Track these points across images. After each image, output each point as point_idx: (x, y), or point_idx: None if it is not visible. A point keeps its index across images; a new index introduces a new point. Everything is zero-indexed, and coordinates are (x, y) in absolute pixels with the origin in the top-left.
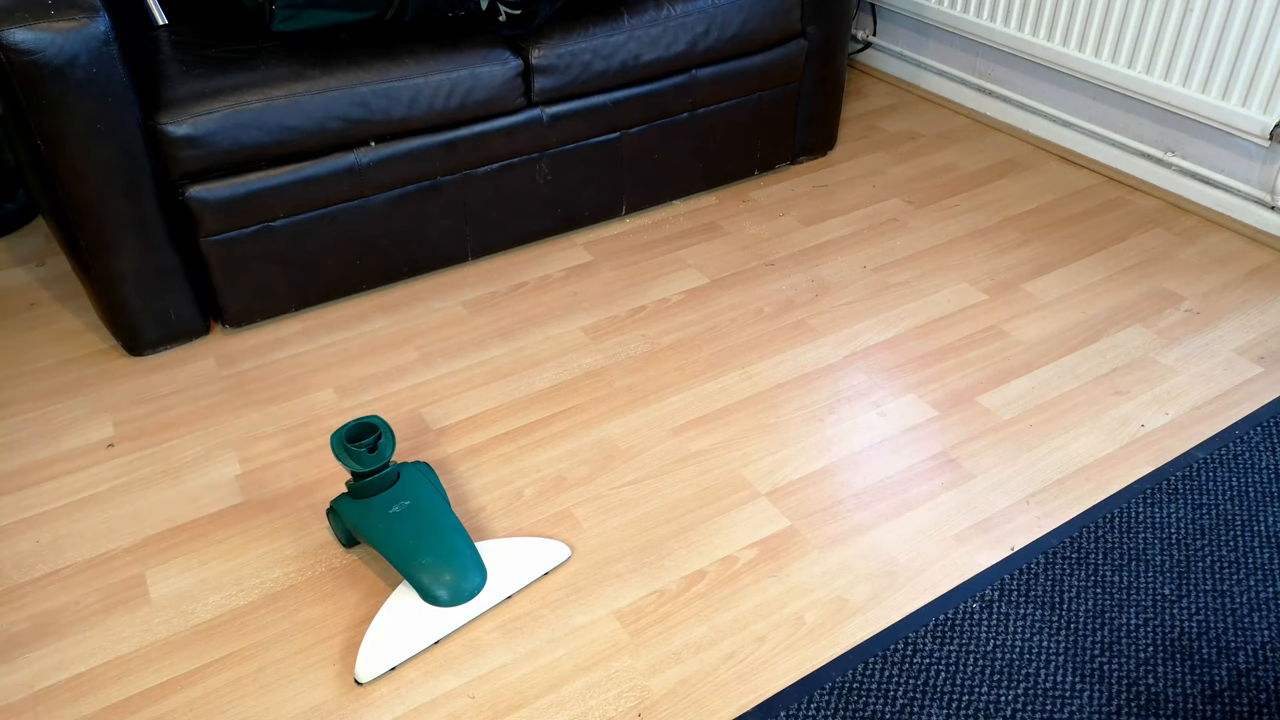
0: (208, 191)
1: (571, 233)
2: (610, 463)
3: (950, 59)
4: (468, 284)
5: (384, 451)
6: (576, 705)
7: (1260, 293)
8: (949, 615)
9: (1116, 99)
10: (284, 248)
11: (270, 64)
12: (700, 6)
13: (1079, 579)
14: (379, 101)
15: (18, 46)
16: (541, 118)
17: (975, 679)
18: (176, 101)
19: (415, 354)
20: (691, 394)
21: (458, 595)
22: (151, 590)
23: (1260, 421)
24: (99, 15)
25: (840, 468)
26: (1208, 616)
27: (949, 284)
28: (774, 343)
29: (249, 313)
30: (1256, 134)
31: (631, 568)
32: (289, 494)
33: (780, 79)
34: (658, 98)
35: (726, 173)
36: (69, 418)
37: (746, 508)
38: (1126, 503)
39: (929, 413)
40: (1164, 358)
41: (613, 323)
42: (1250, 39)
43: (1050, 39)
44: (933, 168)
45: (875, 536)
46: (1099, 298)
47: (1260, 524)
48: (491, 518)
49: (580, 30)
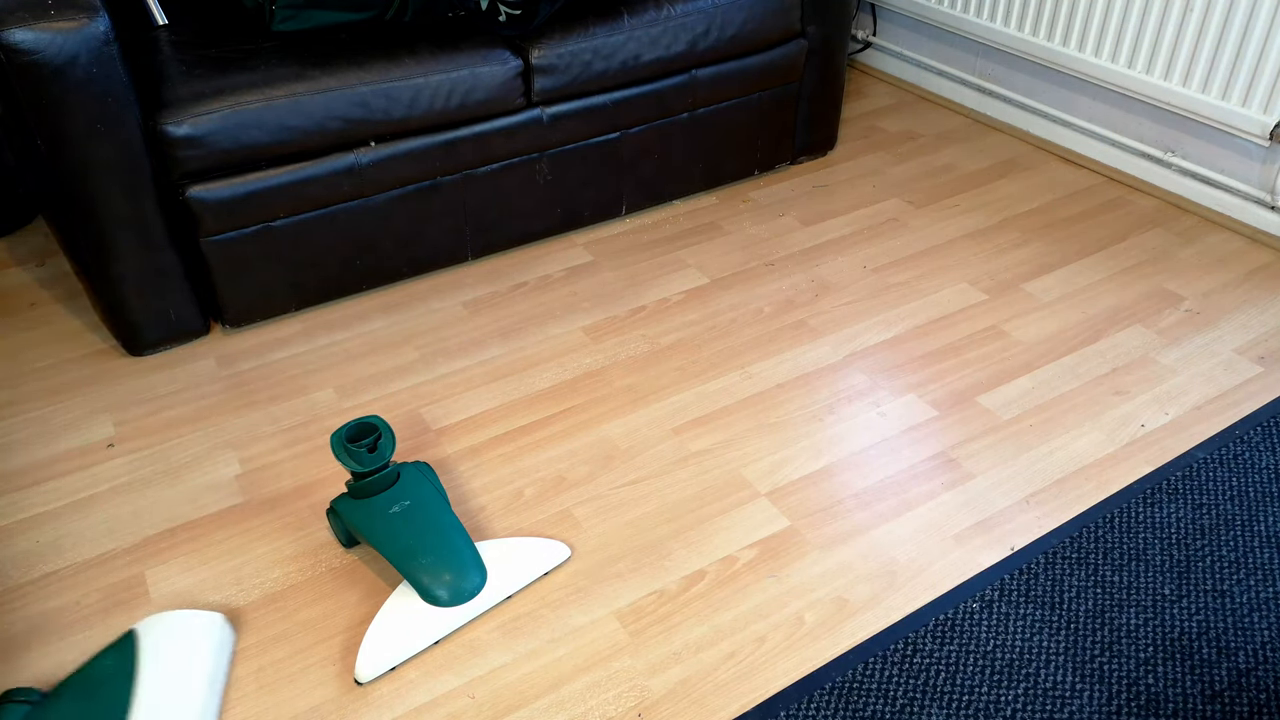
0: (208, 191)
1: (571, 233)
2: (610, 463)
3: (950, 59)
4: (468, 284)
5: (384, 452)
6: (576, 705)
7: (1260, 293)
8: (949, 615)
9: (1116, 99)
10: (284, 248)
11: (270, 64)
12: (700, 6)
13: (1079, 579)
14: (379, 101)
15: (18, 46)
16: (541, 118)
17: (975, 679)
18: (177, 101)
19: (415, 354)
20: (691, 394)
21: (458, 595)
22: (151, 590)
23: (1260, 421)
24: (99, 15)
25: (840, 468)
26: (1208, 616)
27: (949, 284)
28: (774, 343)
29: (249, 313)
30: (1256, 134)
31: (631, 568)
32: (289, 494)
33: (780, 79)
34: (658, 98)
35: (726, 173)
36: (69, 418)
37: (746, 508)
38: (1126, 503)
39: (929, 413)
40: (1164, 358)
41: (613, 323)
42: (1250, 39)
43: (1050, 39)
44: (933, 168)
45: (875, 536)
46: (1099, 298)
47: (1260, 524)
48: (491, 518)
49: (580, 30)
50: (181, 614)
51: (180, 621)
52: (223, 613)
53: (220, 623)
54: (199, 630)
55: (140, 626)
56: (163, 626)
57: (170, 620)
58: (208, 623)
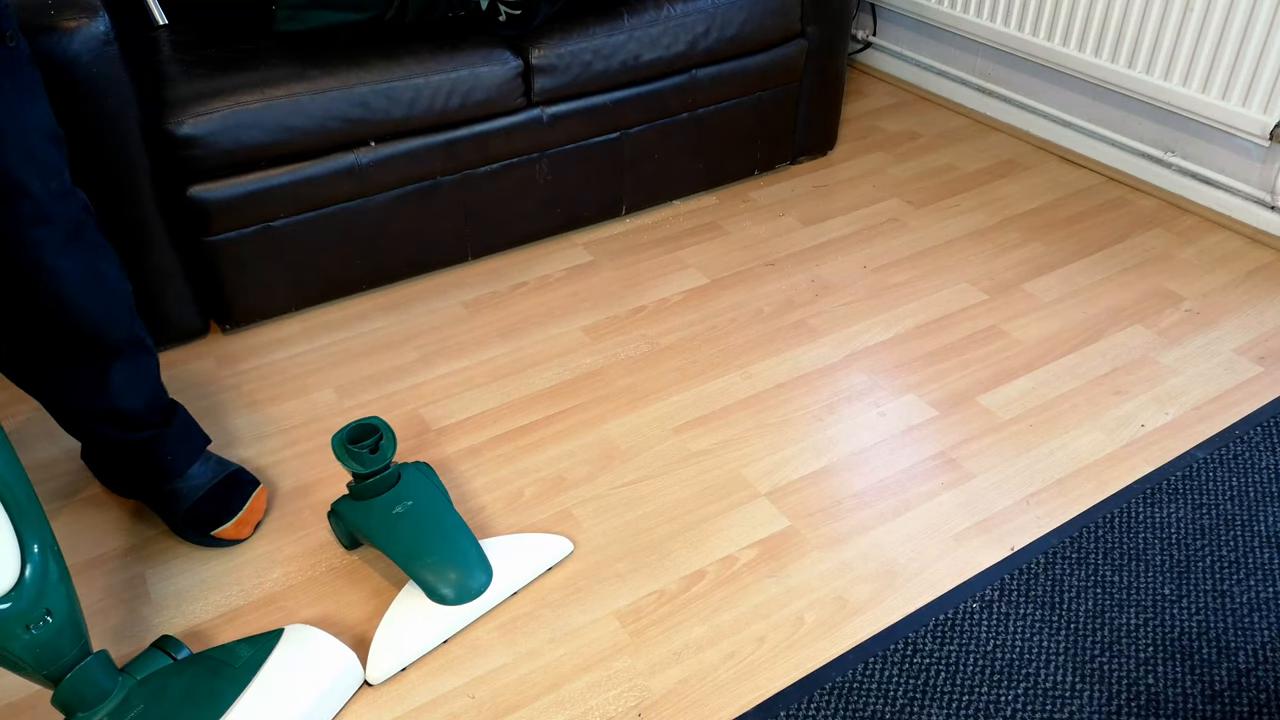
0: (208, 192)
1: (571, 233)
2: (610, 463)
3: (950, 59)
4: (468, 284)
5: (385, 453)
6: (576, 705)
7: (1260, 293)
8: (949, 615)
9: (1116, 99)
10: (284, 248)
11: (270, 64)
12: (700, 6)
13: (1079, 579)
14: (379, 101)
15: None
16: (541, 118)
17: (975, 679)
18: (177, 102)
19: (415, 354)
20: (691, 394)
21: (464, 593)
22: (151, 590)
23: (1260, 421)
24: (99, 15)
25: (840, 468)
26: (1208, 616)
27: (949, 284)
28: (774, 343)
29: (249, 313)
30: (1256, 134)
31: (631, 568)
32: (289, 494)
33: (780, 79)
34: (658, 98)
35: (726, 173)
36: None
37: (746, 508)
38: (1126, 503)
39: (929, 413)
40: (1164, 358)
41: (613, 323)
42: (1250, 39)
43: (1050, 39)
44: (933, 168)
45: (875, 536)
46: (1099, 298)
47: (1260, 524)
48: (492, 518)
49: (580, 30)
50: (326, 638)
51: (321, 645)
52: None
53: (353, 664)
54: (331, 662)
55: (289, 630)
56: (304, 641)
57: (313, 639)
58: (342, 659)
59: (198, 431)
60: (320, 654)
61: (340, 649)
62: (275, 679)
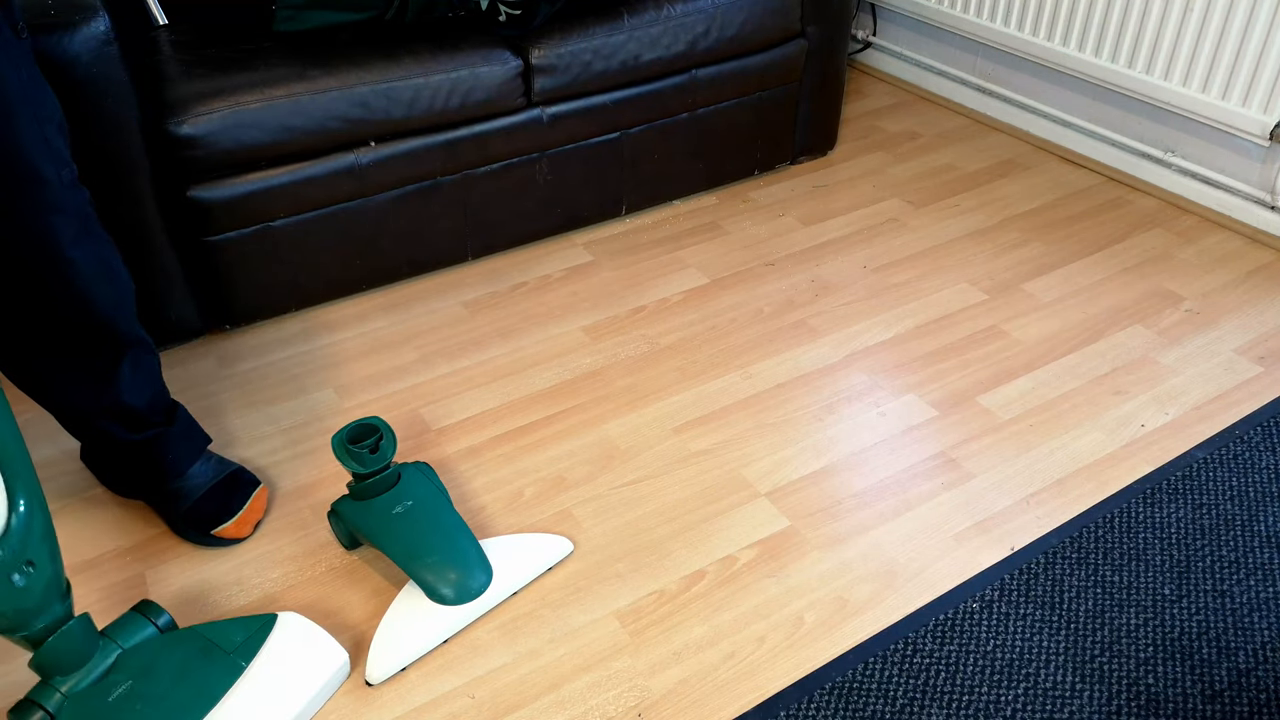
0: (208, 191)
1: (571, 233)
2: (610, 463)
3: (950, 59)
4: (468, 284)
5: (385, 453)
6: (576, 705)
7: (1260, 293)
8: (949, 615)
9: (1116, 99)
10: (284, 248)
11: (270, 64)
12: (700, 6)
13: (1079, 579)
14: (379, 101)
15: None
16: (541, 118)
17: (975, 679)
18: (177, 102)
19: (415, 354)
20: (691, 394)
21: (465, 593)
22: (152, 590)
23: (1260, 421)
24: (99, 15)
25: (840, 468)
26: (1208, 616)
27: (949, 284)
28: (774, 343)
29: (249, 312)
30: (1256, 134)
31: (631, 568)
32: (289, 494)
33: (780, 79)
34: (658, 98)
35: (726, 173)
36: None
37: (746, 508)
38: (1126, 503)
39: (929, 413)
40: (1164, 358)
41: (613, 323)
42: (1250, 39)
43: (1050, 39)
44: (933, 168)
45: (875, 536)
46: (1099, 298)
47: (1260, 524)
48: (492, 518)
49: (580, 30)
50: (319, 633)
51: (314, 640)
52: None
53: (343, 664)
54: (323, 657)
55: (282, 618)
56: (297, 633)
57: (307, 632)
58: (333, 656)
59: (198, 431)
60: (313, 650)
61: (332, 645)
62: (268, 673)
